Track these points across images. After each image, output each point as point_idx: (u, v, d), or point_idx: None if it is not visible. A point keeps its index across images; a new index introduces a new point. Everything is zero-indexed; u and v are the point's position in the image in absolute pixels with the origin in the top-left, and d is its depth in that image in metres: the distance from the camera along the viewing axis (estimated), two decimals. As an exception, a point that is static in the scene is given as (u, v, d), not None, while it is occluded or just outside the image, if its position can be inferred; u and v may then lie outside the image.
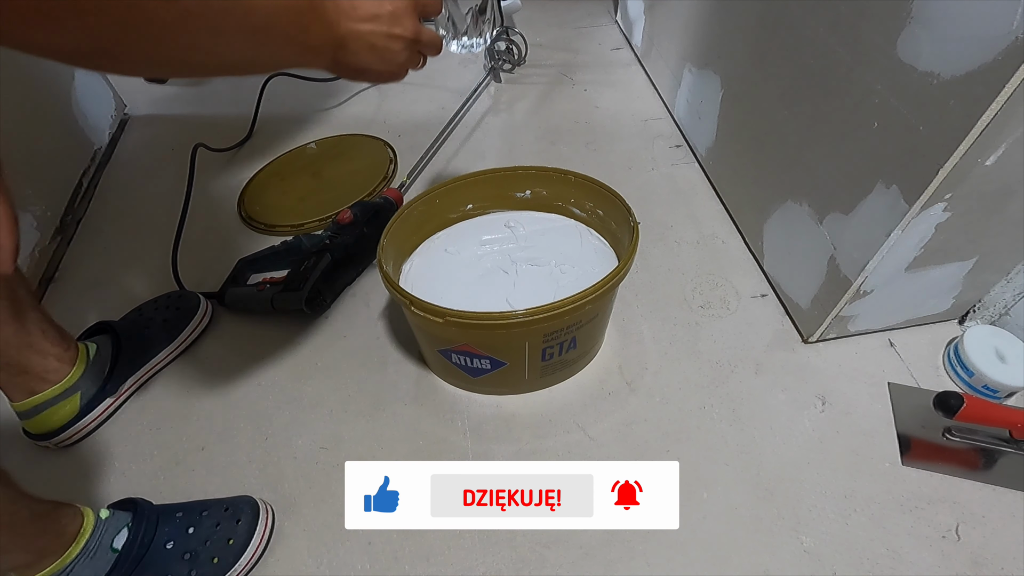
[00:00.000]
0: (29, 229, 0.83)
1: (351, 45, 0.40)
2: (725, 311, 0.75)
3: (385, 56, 0.43)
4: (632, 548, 0.55)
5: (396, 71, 0.45)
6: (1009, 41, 0.40)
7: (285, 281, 0.75)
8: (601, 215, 0.70)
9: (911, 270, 0.59)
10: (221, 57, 0.33)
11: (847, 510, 0.57)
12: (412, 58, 0.46)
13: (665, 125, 1.06)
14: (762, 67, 0.73)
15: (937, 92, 0.47)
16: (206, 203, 0.96)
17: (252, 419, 0.67)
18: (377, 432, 0.65)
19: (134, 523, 0.52)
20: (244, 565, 0.54)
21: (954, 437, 0.61)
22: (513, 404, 0.67)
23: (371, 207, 0.83)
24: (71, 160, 0.98)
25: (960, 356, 0.65)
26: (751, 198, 0.81)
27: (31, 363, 0.59)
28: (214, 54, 0.32)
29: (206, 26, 0.30)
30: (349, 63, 0.41)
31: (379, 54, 0.42)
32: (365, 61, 0.42)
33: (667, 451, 0.62)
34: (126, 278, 0.84)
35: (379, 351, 0.73)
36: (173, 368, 0.73)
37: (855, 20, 0.55)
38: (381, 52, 0.42)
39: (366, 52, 0.41)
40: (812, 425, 0.63)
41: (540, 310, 0.52)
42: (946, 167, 0.47)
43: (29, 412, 0.61)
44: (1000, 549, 0.53)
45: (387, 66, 0.44)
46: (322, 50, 0.39)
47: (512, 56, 1.20)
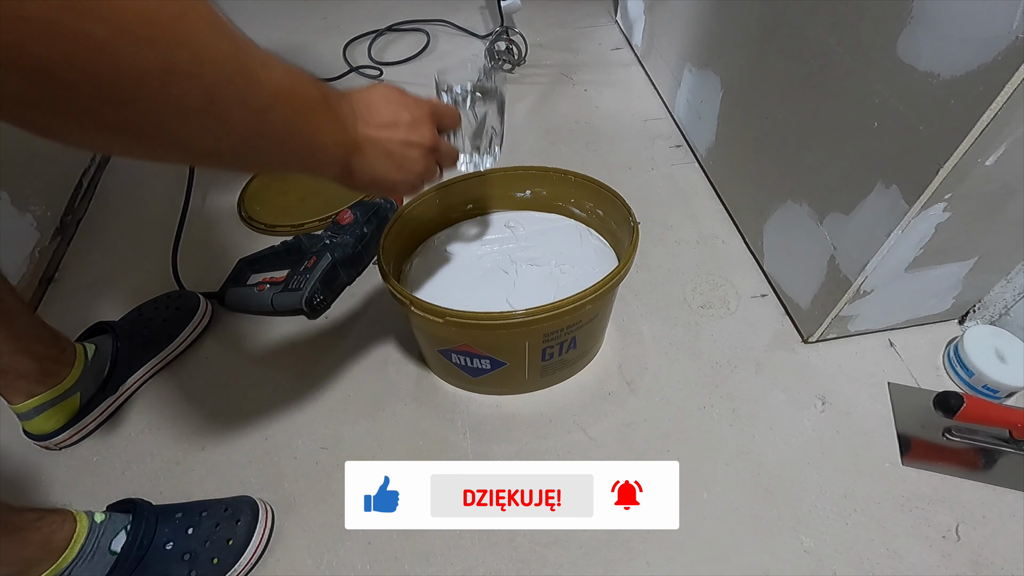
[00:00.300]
0: (29, 229, 0.83)
1: (367, 151, 0.38)
2: (725, 311, 0.75)
3: (403, 164, 0.41)
4: (632, 548, 0.55)
5: (413, 182, 0.43)
6: (1009, 41, 0.40)
7: (285, 281, 0.75)
8: (601, 215, 0.70)
9: (911, 270, 0.59)
10: (212, 141, 0.28)
11: (847, 510, 0.57)
12: (429, 168, 0.44)
13: (665, 125, 1.06)
14: (762, 67, 0.73)
15: (937, 92, 0.47)
16: (206, 203, 0.96)
17: (252, 419, 0.67)
18: (377, 432, 0.65)
19: (133, 524, 0.52)
20: (244, 565, 0.54)
21: (954, 437, 0.61)
22: (513, 404, 0.67)
23: (371, 207, 0.83)
24: (71, 160, 0.98)
25: (960, 356, 0.65)
26: (751, 198, 0.81)
27: (26, 367, 0.59)
28: (205, 135, 0.28)
29: (202, 94, 0.26)
30: (363, 171, 0.39)
31: (396, 162, 0.40)
32: (381, 170, 0.40)
33: (667, 451, 0.62)
34: (126, 278, 0.84)
35: (379, 351, 0.73)
36: (173, 368, 0.73)
37: (855, 20, 0.55)
38: (399, 160, 0.40)
39: (383, 160, 0.39)
40: (812, 425, 0.63)
41: (540, 310, 0.52)
42: (946, 167, 0.47)
43: (29, 413, 0.61)
44: (1000, 549, 0.53)
45: (404, 175, 0.42)
46: (333, 153, 0.36)
47: (512, 56, 1.20)
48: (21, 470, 0.64)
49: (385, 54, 1.29)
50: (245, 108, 0.28)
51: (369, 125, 0.38)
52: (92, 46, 0.21)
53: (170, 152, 0.29)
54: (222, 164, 0.31)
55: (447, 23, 1.37)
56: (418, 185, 0.44)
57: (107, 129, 0.25)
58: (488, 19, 1.39)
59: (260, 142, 0.30)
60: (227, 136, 0.28)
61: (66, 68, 0.21)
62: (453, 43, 1.33)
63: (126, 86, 0.23)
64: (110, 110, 0.24)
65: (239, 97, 0.27)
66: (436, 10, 1.40)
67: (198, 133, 0.27)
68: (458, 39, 1.34)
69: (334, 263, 0.76)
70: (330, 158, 0.36)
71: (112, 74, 0.22)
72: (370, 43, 1.30)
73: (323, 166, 0.37)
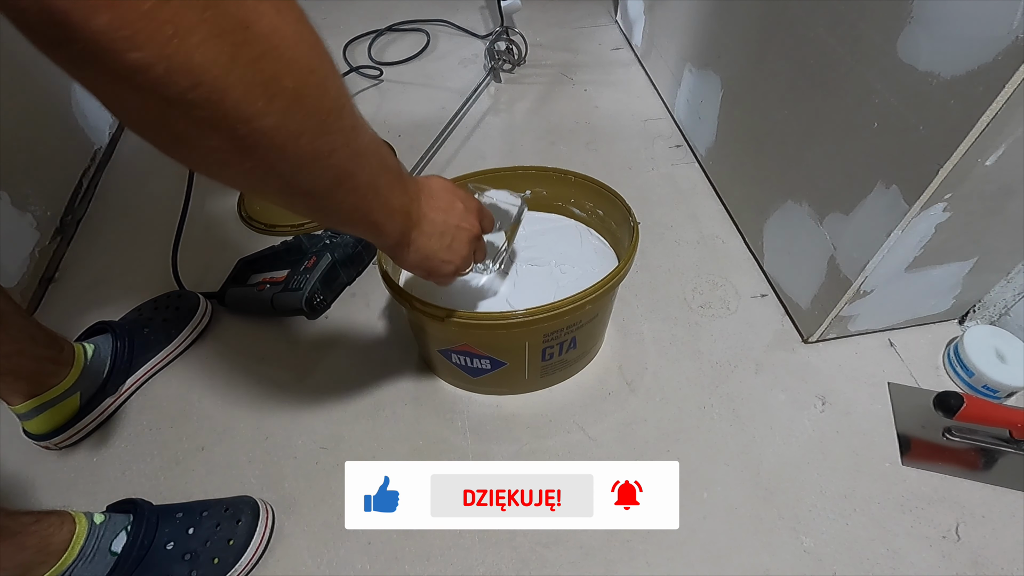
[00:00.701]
0: (29, 229, 0.83)
1: (425, 227, 0.43)
2: (725, 311, 0.75)
3: (452, 246, 0.46)
4: (632, 548, 0.55)
5: (458, 264, 0.47)
6: (1009, 41, 0.40)
7: (285, 281, 0.75)
8: (601, 215, 0.70)
9: (911, 270, 0.59)
10: (311, 183, 0.31)
11: (847, 510, 0.57)
12: (469, 257, 0.48)
13: (665, 125, 1.06)
14: (762, 67, 0.73)
15: (937, 92, 0.47)
16: (206, 203, 0.96)
17: (252, 419, 0.67)
18: (377, 432, 0.65)
19: (134, 524, 0.52)
20: (244, 565, 0.54)
21: (954, 437, 0.61)
22: (513, 404, 0.67)
23: (371, 207, 0.83)
24: (71, 160, 0.98)
25: (960, 356, 0.65)
26: (751, 198, 0.81)
27: (24, 368, 0.59)
28: (313, 178, 0.31)
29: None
30: (419, 243, 0.43)
31: (447, 243, 0.45)
32: (434, 246, 0.44)
33: (667, 451, 0.62)
34: (126, 278, 0.84)
35: (379, 351, 0.73)
36: (173, 368, 0.73)
37: (855, 20, 0.55)
38: (449, 242, 0.45)
39: (436, 238, 0.44)
40: (812, 425, 0.63)
41: (540, 310, 0.52)
42: (946, 167, 0.47)
43: (28, 414, 0.61)
44: (1000, 549, 0.53)
45: (451, 256, 0.46)
46: (399, 219, 0.40)
47: (512, 56, 1.20)
48: (21, 470, 0.64)
49: (385, 54, 1.29)
50: (348, 150, 0.31)
51: (429, 205, 0.43)
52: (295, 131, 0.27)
53: (274, 190, 0.31)
54: (309, 204, 0.33)
55: (447, 23, 1.37)
56: (460, 269, 0.48)
57: (244, 175, 0.29)
58: (488, 19, 1.39)
59: (346, 188, 0.33)
60: (323, 177, 0.31)
61: (267, 148, 0.27)
62: (453, 43, 1.33)
63: (288, 158, 0.28)
64: (261, 164, 0.28)
65: (347, 143, 0.31)
66: (436, 10, 1.40)
67: (308, 177, 0.30)
68: (458, 39, 1.34)
69: (334, 263, 0.76)
70: (395, 223, 0.40)
71: (290, 151, 0.28)
72: (370, 43, 1.30)
73: (387, 228, 0.40)
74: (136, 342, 0.69)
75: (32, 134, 0.89)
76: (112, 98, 0.24)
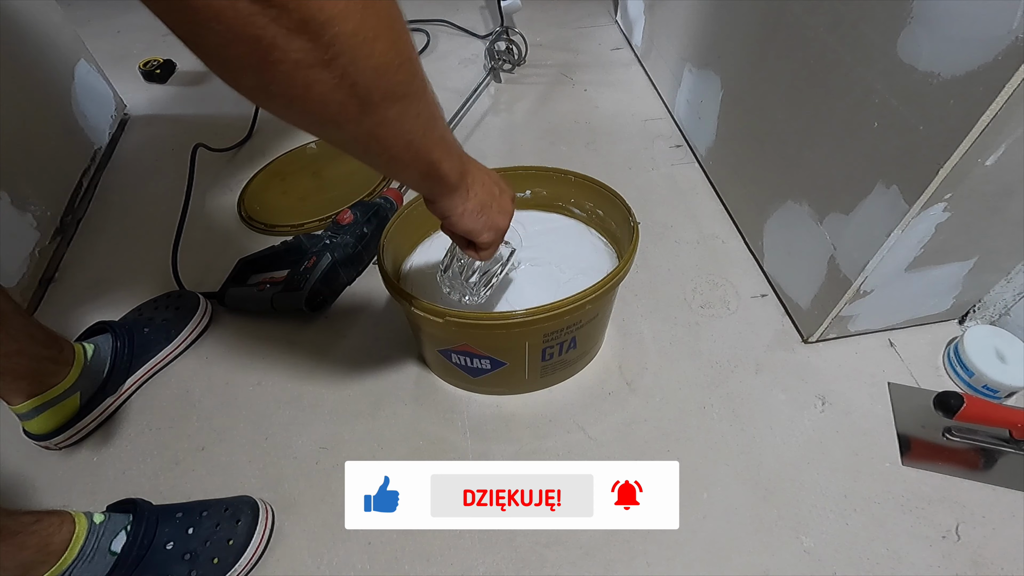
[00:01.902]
0: (29, 229, 0.83)
1: (477, 175, 0.46)
2: (725, 311, 0.75)
3: (496, 206, 0.48)
4: (632, 548, 0.55)
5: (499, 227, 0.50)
6: (1009, 41, 0.40)
7: (285, 281, 0.75)
8: (601, 215, 0.70)
9: (911, 270, 0.59)
10: (367, 98, 0.31)
11: (847, 510, 0.56)
12: (504, 230, 0.51)
13: (665, 125, 1.06)
14: (762, 67, 0.73)
15: (937, 92, 0.47)
16: (206, 203, 0.96)
17: (252, 419, 0.67)
18: (377, 432, 0.65)
19: (133, 524, 0.52)
20: (244, 565, 0.54)
21: (954, 437, 0.61)
22: (513, 404, 0.67)
23: (371, 207, 0.83)
24: (71, 160, 0.98)
25: (960, 356, 0.65)
26: (751, 198, 0.81)
27: (23, 368, 0.59)
28: (365, 90, 0.31)
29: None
30: (476, 189, 0.46)
31: (496, 193, 0.48)
32: (488, 195, 0.47)
33: (667, 451, 0.62)
34: (126, 278, 0.84)
35: (379, 351, 0.73)
36: (173, 368, 0.73)
37: (855, 20, 0.55)
38: (498, 194, 0.49)
39: (489, 187, 0.47)
40: (812, 425, 0.63)
41: (540, 310, 0.52)
42: (946, 167, 0.47)
43: (28, 414, 0.61)
44: (1000, 549, 0.53)
45: (505, 206, 0.49)
46: (454, 158, 0.42)
47: (512, 56, 1.20)
48: (21, 470, 0.64)
49: (385, 54, 1.28)
50: (413, 67, 0.33)
51: (478, 169, 0.47)
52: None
53: (349, 113, 0.32)
54: (377, 133, 0.34)
55: (447, 23, 1.38)
56: (501, 231, 0.50)
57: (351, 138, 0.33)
58: (488, 19, 1.39)
59: (412, 112, 0.34)
60: (393, 94, 0.32)
61: None
62: (453, 43, 1.33)
63: None
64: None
65: (412, 59, 0.33)
66: (436, 10, 1.40)
67: (380, 91, 0.31)
68: (458, 39, 1.34)
69: (334, 263, 0.76)
70: (453, 162, 0.42)
71: None
72: (370, 43, 1.30)
73: (446, 167, 0.41)
74: (136, 342, 0.70)
75: (32, 134, 0.89)
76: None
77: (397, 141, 0.35)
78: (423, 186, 0.43)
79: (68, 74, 1.02)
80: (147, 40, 1.42)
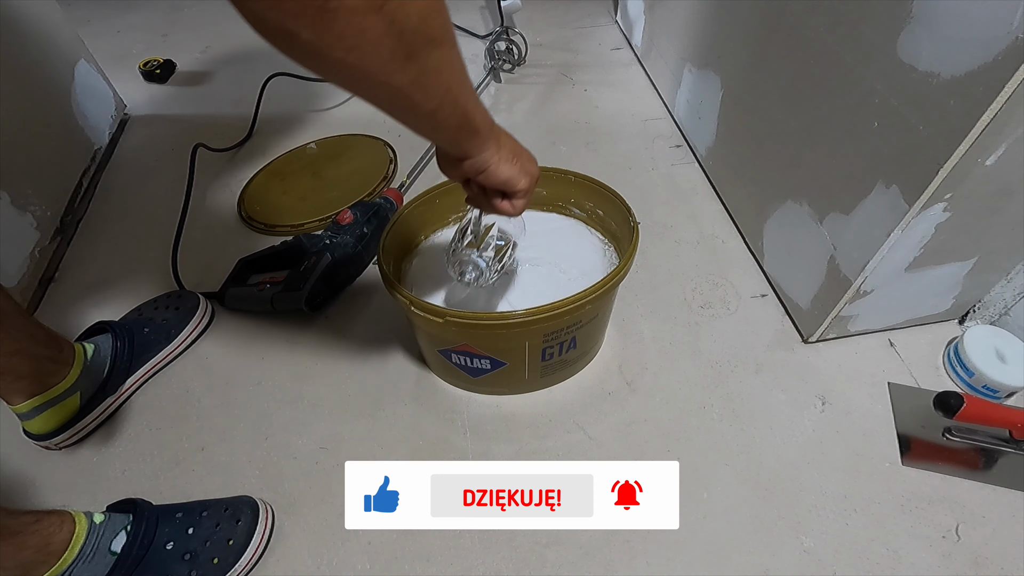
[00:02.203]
0: (29, 229, 0.83)
1: (501, 135, 0.47)
2: (725, 311, 0.75)
3: (524, 154, 0.49)
4: (632, 548, 0.55)
5: (533, 173, 0.50)
6: (1009, 41, 0.40)
7: (285, 281, 0.75)
8: (601, 215, 0.70)
9: (911, 270, 0.59)
10: (412, 41, 0.33)
11: (847, 510, 0.57)
12: (537, 176, 0.51)
13: (665, 125, 1.06)
14: (762, 67, 0.73)
15: (937, 92, 0.47)
16: (206, 203, 0.96)
17: (252, 419, 0.67)
18: (377, 432, 0.65)
19: (133, 524, 0.52)
20: (244, 565, 0.54)
21: (954, 437, 0.61)
22: (513, 404, 0.67)
23: (371, 207, 0.83)
24: (71, 160, 0.98)
25: (960, 356, 0.65)
26: (751, 198, 0.81)
27: (23, 368, 0.59)
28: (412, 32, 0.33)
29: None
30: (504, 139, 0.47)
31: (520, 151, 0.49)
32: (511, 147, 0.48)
33: (667, 451, 0.62)
34: (126, 278, 0.84)
35: (379, 351, 0.73)
36: (173, 368, 0.73)
37: (855, 20, 0.55)
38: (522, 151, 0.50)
39: (512, 143, 0.48)
40: (812, 425, 0.63)
41: (540, 310, 0.52)
42: (946, 167, 0.47)
43: (28, 413, 0.61)
44: (1000, 549, 0.53)
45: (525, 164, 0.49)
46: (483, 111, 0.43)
47: (512, 56, 1.20)
48: (21, 470, 0.64)
49: (385, 54, 1.28)
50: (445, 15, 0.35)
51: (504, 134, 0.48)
52: None
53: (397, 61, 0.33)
54: (418, 81, 0.35)
55: (447, 23, 1.37)
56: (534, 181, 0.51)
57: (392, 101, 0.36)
58: (488, 19, 1.39)
59: (447, 59, 0.36)
60: (434, 41, 0.34)
61: None
62: (453, 43, 1.32)
63: None
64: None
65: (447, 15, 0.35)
66: (436, 10, 1.40)
67: (424, 37, 0.33)
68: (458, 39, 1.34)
69: (334, 263, 0.76)
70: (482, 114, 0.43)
71: None
72: (370, 43, 1.30)
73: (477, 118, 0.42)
74: (136, 342, 0.70)
75: (32, 134, 0.89)
76: None
77: (438, 90, 0.36)
78: (458, 140, 0.44)
79: (68, 74, 1.02)
80: (147, 40, 1.42)
